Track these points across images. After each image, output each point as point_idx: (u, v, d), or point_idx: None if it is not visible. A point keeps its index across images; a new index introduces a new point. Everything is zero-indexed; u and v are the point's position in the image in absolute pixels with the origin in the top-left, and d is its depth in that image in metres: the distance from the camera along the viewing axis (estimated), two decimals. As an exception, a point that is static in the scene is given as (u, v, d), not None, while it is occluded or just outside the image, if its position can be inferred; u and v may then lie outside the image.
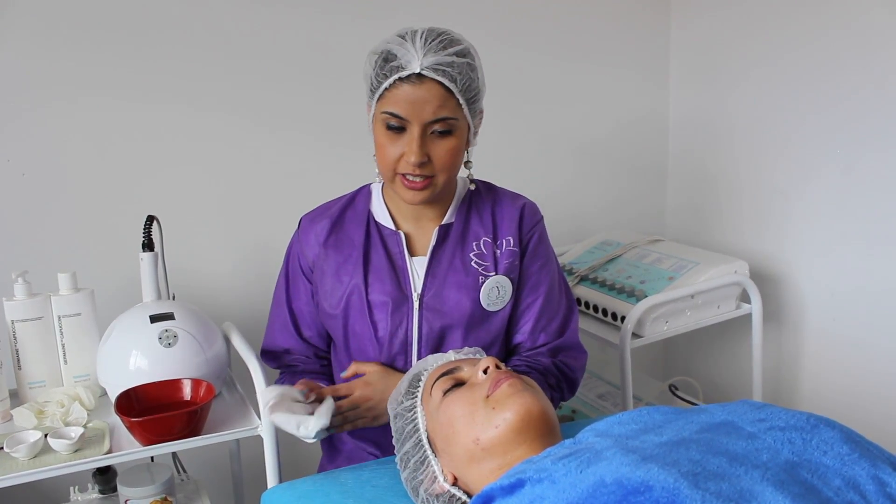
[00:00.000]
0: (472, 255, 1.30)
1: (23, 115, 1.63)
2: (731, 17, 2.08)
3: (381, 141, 1.21)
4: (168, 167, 1.77)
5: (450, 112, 1.17)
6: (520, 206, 1.34)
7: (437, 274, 1.30)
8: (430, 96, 1.15)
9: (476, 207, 1.34)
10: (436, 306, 1.29)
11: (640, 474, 0.70)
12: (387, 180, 1.24)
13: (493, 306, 1.30)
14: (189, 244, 1.77)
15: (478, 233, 1.32)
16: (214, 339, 1.44)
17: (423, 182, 1.20)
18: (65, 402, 1.35)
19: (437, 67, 1.15)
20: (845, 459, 0.76)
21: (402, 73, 1.15)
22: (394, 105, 1.16)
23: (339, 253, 1.32)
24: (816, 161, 1.90)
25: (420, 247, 1.32)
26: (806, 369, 2.03)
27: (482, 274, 1.29)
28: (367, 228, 1.32)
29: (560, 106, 2.17)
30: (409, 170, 1.18)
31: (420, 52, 1.14)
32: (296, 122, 1.87)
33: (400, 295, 1.29)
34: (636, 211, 2.35)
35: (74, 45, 1.64)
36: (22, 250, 1.66)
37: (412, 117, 1.16)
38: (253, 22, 1.78)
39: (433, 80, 1.15)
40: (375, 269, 1.30)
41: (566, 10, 2.12)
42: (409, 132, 1.17)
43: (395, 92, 1.16)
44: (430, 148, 1.18)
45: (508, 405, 0.95)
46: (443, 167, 1.20)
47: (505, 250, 1.31)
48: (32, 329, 1.40)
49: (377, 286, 1.29)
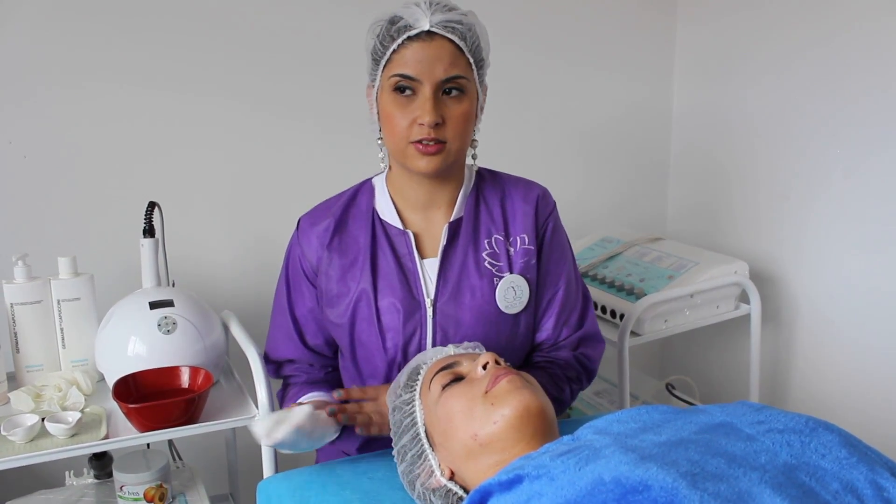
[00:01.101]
0: (485, 255, 1.24)
1: (26, 98, 1.63)
2: (735, 20, 2.08)
3: (390, 110, 1.14)
4: (171, 154, 1.76)
5: (461, 70, 1.12)
6: (533, 201, 1.27)
7: (450, 277, 1.22)
8: (441, 53, 1.11)
9: (484, 199, 1.27)
10: (450, 312, 1.22)
11: (638, 473, 0.70)
12: (397, 153, 1.17)
13: (511, 308, 1.23)
14: (190, 231, 1.77)
15: (489, 229, 1.25)
16: (213, 327, 1.43)
17: (436, 146, 1.13)
18: (62, 387, 1.35)
19: (447, 24, 1.11)
20: (843, 463, 0.76)
21: (411, 31, 1.10)
22: (403, 66, 1.11)
23: (344, 256, 1.24)
24: (818, 164, 1.90)
25: (429, 247, 1.25)
26: (803, 371, 2.04)
27: (496, 275, 1.23)
28: (372, 229, 1.25)
29: (562, 103, 2.17)
30: (424, 133, 1.11)
31: (428, 12, 1.11)
32: (301, 113, 1.86)
33: (412, 301, 1.22)
34: (637, 209, 2.35)
35: (79, 29, 1.64)
36: (22, 233, 1.66)
37: (423, 76, 1.11)
38: (260, 10, 1.78)
39: (443, 37, 1.11)
40: (384, 273, 1.22)
41: (570, 8, 2.11)
42: (421, 94, 1.12)
43: (404, 53, 1.11)
44: (442, 111, 1.12)
45: (507, 401, 0.95)
46: (456, 133, 1.14)
47: (519, 249, 1.25)
48: (31, 312, 1.40)
49: (387, 292, 1.21)
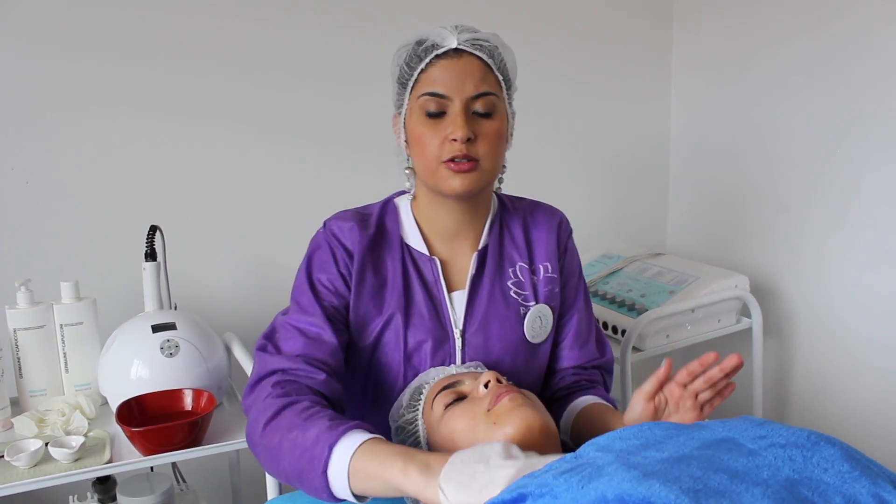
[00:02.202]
0: (510, 284, 1.21)
1: (27, 124, 1.64)
2: (732, 35, 2.10)
3: (420, 131, 1.10)
4: (172, 177, 1.77)
5: (491, 87, 1.10)
6: (555, 228, 1.25)
7: (479, 306, 1.18)
8: (470, 69, 1.09)
9: (507, 227, 1.24)
10: (479, 343, 1.18)
11: (641, 490, 0.70)
12: (429, 176, 1.12)
13: (538, 338, 1.22)
14: (192, 254, 1.78)
15: (513, 258, 1.22)
16: (216, 349, 1.44)
17: (469, 164, 1.09)
18: (66, 411, 1.35)
19: (475, 42, 1.10)
20: (846, 477, 0.76)
21: (439, 49, 1.09)
22: (432, 84, 1.09)
23: (377, 276, 1.16)
24: (817, 176, 1.91)
25: (454, 277, 1.20)
26: (805, 384, 2.03)
27: (522, 304, 1.20)
28: (402, 254, 1.18)
29: (561, 119, 2.19)
30: (456, 150, 1.08)
31: (455, 31, 1.10)
32: (303, 137, 1.88)
33: (440, 332, 1.16)
34: (637, 225, 2.36)
35: (81, 55, 1.65)
36: (25, 259, 1.66)
37: (453, 93, 1.08)
38: (259, 32, 1.79)
39: (471, 54, 1.09)
40: (415, 300, 1.16)
41: (569, 27, 2.14)
42: (451, 112, 1.09)
43: (432, 71, 1.09)
44: (474, 127, 1.09)
45: (509, 420, 0.95)
46: (488, 150, 1.10)
47: (543, 277, 1.23)
48: (34, 337, 1.40)
49: (416, 320, 1.15)
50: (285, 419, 0.97)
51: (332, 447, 0.90)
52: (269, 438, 0.97)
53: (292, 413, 0.98)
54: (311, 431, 0.93)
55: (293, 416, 0.97)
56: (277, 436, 0.96)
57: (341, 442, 0.91)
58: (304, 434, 0.94)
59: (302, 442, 0.93)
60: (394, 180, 1.22)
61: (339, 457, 0.90)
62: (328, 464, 0.90)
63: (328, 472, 0.90)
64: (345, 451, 0.90)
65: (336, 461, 0.90)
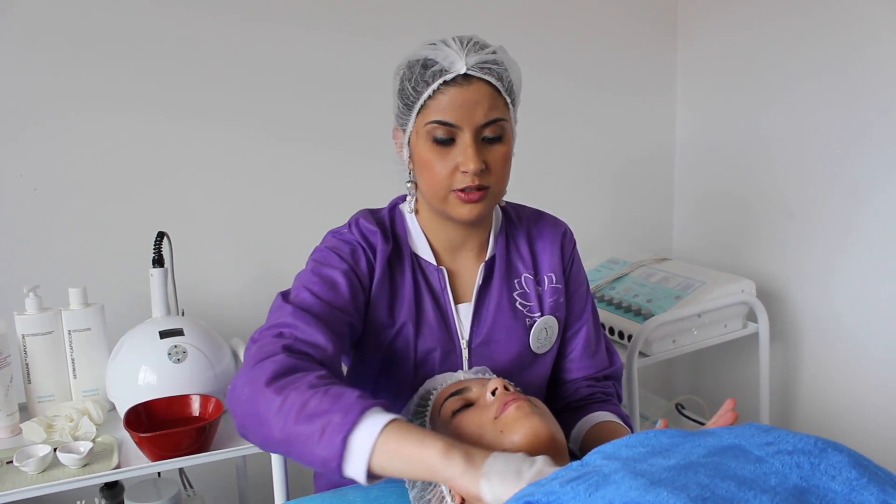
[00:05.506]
0: (516, 296, 1.21)
1: (36, 131, 1.65)
2: (737, 41, 2.10)
3: (428, 158, 1.08)
4: (180, 184, 1.78)
5: (500, 113, 1.07)
6: (559, 239, 1.25)
7: (485, 318, 1.19)
8: (479, 97, 1.05)
9: (512, 238, 1.23)
10: (486, 353, 1.18)
11: (649, 498, 0.70)
12: (436, 201, 1.11)
13: (542, 349, 1.23)
14: (199, 260, 1.79)
15: (518, 269, 1.22)
16: (223, 355, 1.44)
17: (479, 193, 1.08)
18: (74, 417, 1.36)
19: (484, 66, 1.05)
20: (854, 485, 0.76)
21: (448, 75, 1.04)
22: (440, 113, 1.05)
23: (392, 284, 1.16)
24: (822, 181, 1.91)
25: (460, 288, 1.20)
26: (812, 389, 2.03)
27: (528, 315, 1.21)
28: (412, 264, 1.18)
29: (567, 125, 2.19)
30: (468, 181, 1.06)
31: (462, 53, 1.04)
32: (311, 143, 1.88)
33: (448, 342, 1.17)
34: (643, 230, 2.36)
35: (90, 61, 1.66)
36: (33, 265, 1.67)
37: (463, 122, 1.05)
38: (267, 37, 1.80)
39: (480, 79, 1.05)
40: (425, 310, 1.17)
41: (574, 33, 2.14)
42: (461, 140, 1.06)
43: (441, 98, 1.05)
44: (484, 156, 1.07)
45: (516, 428, 0.95)
46: (498, 177, 1.09)
47: (548, 288, 1.22)
48: (43, 343, 1.41)
49: (426, 330, 1.16)
50: (302, 380, 0.91)
51: (361, 413, 0.86)
52: (271, 393, 0.90)
53: (312, 376, 0.92)
54: (340, 397, 0.87)
55: (313, 378, 0.91)
56: (287, 392, 0.89)
57: (372, 413, 0.87)
58: (325, 397, 0.88)
59: (318, 406, 0.87)
60: (401, 186, 1.21)
61: (367, 427, 0.85)
62: (352, 431, 0.85)
63: (349, 439, 0.85)
64: (375, 423, 0.86)
65: (363, 431, 0.85)
